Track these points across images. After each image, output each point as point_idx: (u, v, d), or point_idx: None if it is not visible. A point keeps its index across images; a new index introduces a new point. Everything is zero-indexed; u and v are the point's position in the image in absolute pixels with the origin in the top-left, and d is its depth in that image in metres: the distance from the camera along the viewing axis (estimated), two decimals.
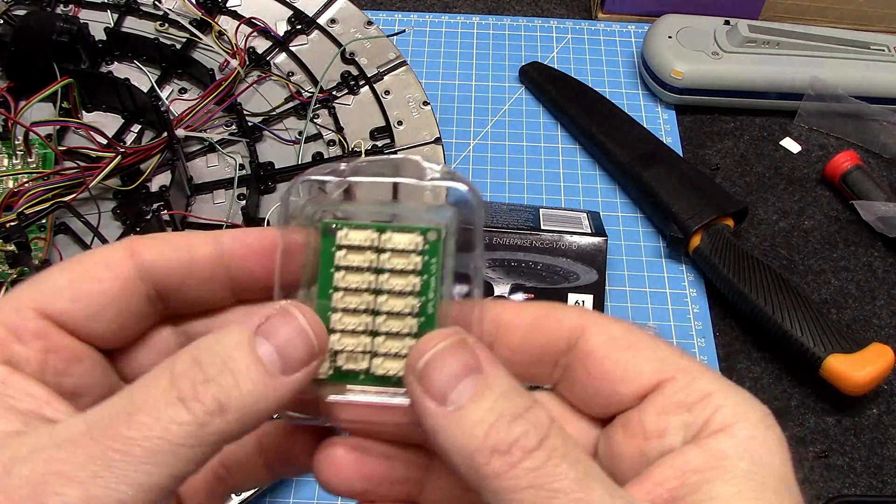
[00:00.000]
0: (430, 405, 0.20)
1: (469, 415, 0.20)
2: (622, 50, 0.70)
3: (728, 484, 0.20)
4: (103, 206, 0.53)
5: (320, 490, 0.46)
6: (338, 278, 0.22)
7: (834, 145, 0.64)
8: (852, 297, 0.56)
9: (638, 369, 0.22)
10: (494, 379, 0.20)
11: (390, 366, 0.22)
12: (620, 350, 0.22)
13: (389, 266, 0.22)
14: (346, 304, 0.22)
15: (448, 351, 0.21)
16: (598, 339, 0.23)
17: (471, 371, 0.20)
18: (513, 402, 0.20)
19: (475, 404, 0.20)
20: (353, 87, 0.60)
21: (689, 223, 0.55)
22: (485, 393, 0.20)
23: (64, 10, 0.62)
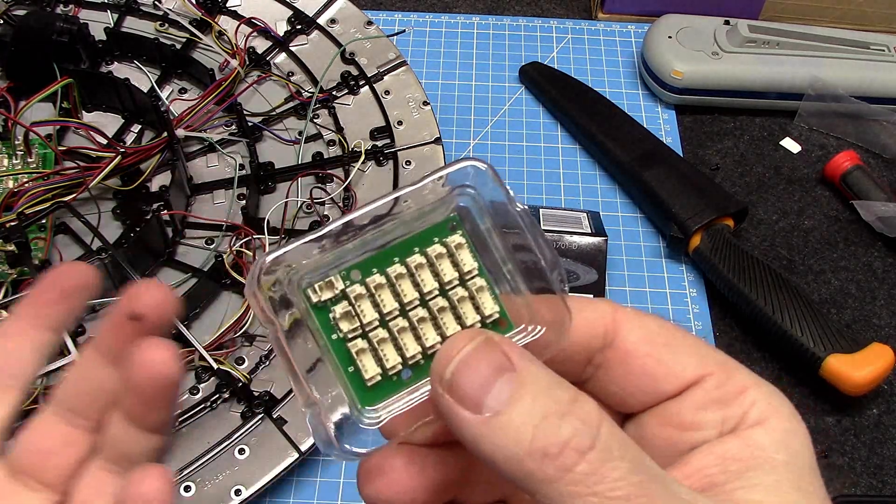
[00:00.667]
0: (464, 415, 0.19)
1: (511, 419, 0.18)
2: (622, 50, 0.70)
3: (769, 473, 0.20)
4: (103, 206, 0.53)
5: (320, 490, 0.47)
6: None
7: (834, 145, 0.64)
8: (852, 297, 0.56)
9: (679, 366, 0.22)
10: (530, 375, 0.19)
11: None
12: (660, 346, 0.22)
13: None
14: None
15: (475, 353, 0.19)
16: (635, 335, 0.22)
17: (503, 371, 0.19)
18: (556, 397, 0.19)
19: (515, 406, 0.18)
20: (353, 87, 0.60)
21: (689, 223, 0.55)
22: (523, 392, 0.19)
23: (64, 10, 0.62)
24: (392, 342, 0.21)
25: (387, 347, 0.21)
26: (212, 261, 0.51)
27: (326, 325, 0.21)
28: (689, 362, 0.22)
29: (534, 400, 0.19)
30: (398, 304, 0.21)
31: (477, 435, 0.19)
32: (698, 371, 0.22)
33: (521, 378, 0.19)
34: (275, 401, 0.46)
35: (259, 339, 0.49)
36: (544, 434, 0.18)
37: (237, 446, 0.44)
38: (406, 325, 0.21)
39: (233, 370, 0.46)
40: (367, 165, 0.56)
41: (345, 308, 0.21)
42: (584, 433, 0.18)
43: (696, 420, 0.21)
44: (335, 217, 0.22)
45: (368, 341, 0.21)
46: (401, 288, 0.21)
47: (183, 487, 0.43)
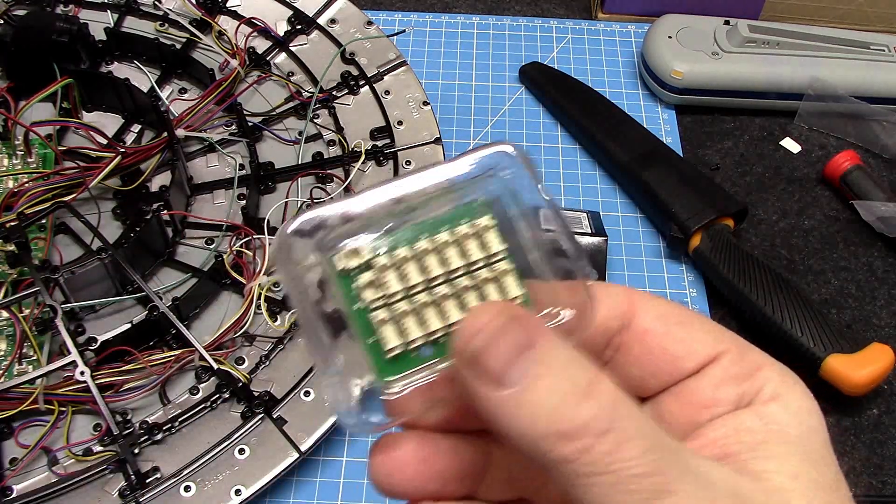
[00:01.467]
0: (486, 391, 0.19)
1: (530, 397, 0.18)
2: (622, 50, 0.70)
3: (782, 445, 0.20)
4: (103, 206, 0.53)
5: (320, 490, 0.47)
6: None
7: (834, 145, 0.64)
8: (852, 297, 0.56)
9: (696, 344, 0.22)
10: (552, 354, 0.19)
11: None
12: (677, 326, 0.22)
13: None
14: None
15: (500, 328, 0.19)
16: (651, 316, 0.23)
17: (526, 347, 0.19)
18: (575, 377, 0.19)
19: (535, 384, 0.18)
20: (353, 87, 0.60)
21: (689, 223, 0.55)
22: (544, 370, 0.18)
23: (64, 10, 0.62)
24: (414, 316, 0.21)
25: (409, 321, 0.21)
26: (212, 261, 0.51)
27: (349, 294, 0.21)
28: (706, 340, 0.22)
29: (554, 379, 0.18)
30: (423, 279, 0.21)
31: (496, 411, 0.19)
32: (716, 348, 0.22)
33: (543, 356, 0.19)
34: (275, 401, 0.46)
35: (259, 339, 0.49)
36: (562, 415, 0.18)
37: (237, 446, 0.44)
38: (429, 300, 0.21)
39: (233, 370, 0.46)
40: (367, 165, 0.56)
41: (369, 278, 0.20)
42: (602, 415, 0.18)
43: (715, 396, 0.22)
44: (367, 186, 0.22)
45: (391, 313, 0.21)
46: (426, 263, 0.21)
47: (183, 487, 0.43)
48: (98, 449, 0.44)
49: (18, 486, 0.43)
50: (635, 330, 0.23)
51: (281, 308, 0.50)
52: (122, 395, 0.46)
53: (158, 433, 0.45)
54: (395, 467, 0.21)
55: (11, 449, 0.45)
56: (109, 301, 0.49)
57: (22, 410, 0.44)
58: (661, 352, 0.22)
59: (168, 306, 0.47)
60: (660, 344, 0.22)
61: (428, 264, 0.21)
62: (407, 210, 0.21)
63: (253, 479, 0.43)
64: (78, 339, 0.47)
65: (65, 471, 0.44)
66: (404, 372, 0.21)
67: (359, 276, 0.20)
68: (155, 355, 0.46)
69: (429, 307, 0.21)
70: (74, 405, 0.46)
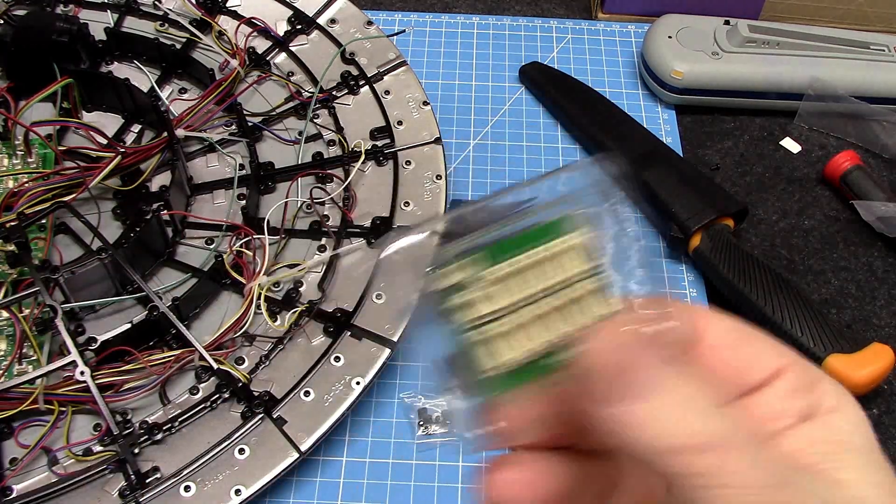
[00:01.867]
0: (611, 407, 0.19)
1: (654, 411, 0.19)
2: (622, 50, 0.70)
3: (855, 455, 0.21)
4: (103, 206, 0.53)
5: (320, 490, 0.47)
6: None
7: (834, 145, 0.64)
8: (852, 297, 0.56)
9: (763, 358, 0.23)
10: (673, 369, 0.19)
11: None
12: (744, 342, 0.23)
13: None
14: None
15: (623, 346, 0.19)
16: (719, 331, 0.23)
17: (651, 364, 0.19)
18: (700, 391, 0.19)
19: (658, 399, 0.19)
20: (353, 87, 0.60)
21: (689, 223, 0.55)
22: (667, 386, 0.19)
23: (64, 10, 0.62)
24: (522, 331, 0.21)
25: (518, 336, 0.21)
26: (212, 261, 0.51)
27: (451, 312, 0.21)
28: (771, 355, 0.23)
29: (677, 394, 0.19)
30: (523, 296, 0.21)
31: (618, 425, 0.19)
32: (780, 363, 0.23)
33: (666, 371, 0.19)
34: (275, 401, 0.46)
35: (259, 340, 0.49)
36: (688, 429, 0.18)
37: (237, 446, 0.44)
38: (530, 316, 0.21)
39: (233, 370, 0.46)
40: (367, 165, 0.56)
41: (463, 298, 0.20)
42: (725, 427, 0.19)
43: (781, 409, 0.22)
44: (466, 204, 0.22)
45: (499, 327, 0.21)
46: (528, 278, 0.21)
47: (183, 487, 0.43)
48: (98, 449, 0.44)
49: (18, 486, 0.43)
50: (707, 344, 0.23)
51: (281, 308, 0.50)
52: (122, 395, 0.46)
53: (158, 433, 0.45)
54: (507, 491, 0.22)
55: (11, 449, 0.45)
56: (109, 301, 0.49)
57: (22, 410, 0.44)
58: (729, 366, 0.23)
59: (168, 306, 0.47)
60: (727, 358, 0.23)
61: (529, 279, 0.21)
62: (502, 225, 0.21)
63: (253, 479, 0.43)
64: (78, 339, 0.47)
65: (65, 471, 0.44)
66: (514, 387, 0.21)
67: (459, 294, 0.21)
68: (155, 355, 0.46)
69: (530, 324, 0.21)
70: (74, 405, 0.46)
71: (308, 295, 0.50)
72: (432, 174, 0.55)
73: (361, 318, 0.49)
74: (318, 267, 0.51)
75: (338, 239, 0.52)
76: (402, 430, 0.49)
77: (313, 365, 0.47)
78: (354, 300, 0.50)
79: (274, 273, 0.50)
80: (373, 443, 0.49)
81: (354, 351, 0.48)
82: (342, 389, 0.46)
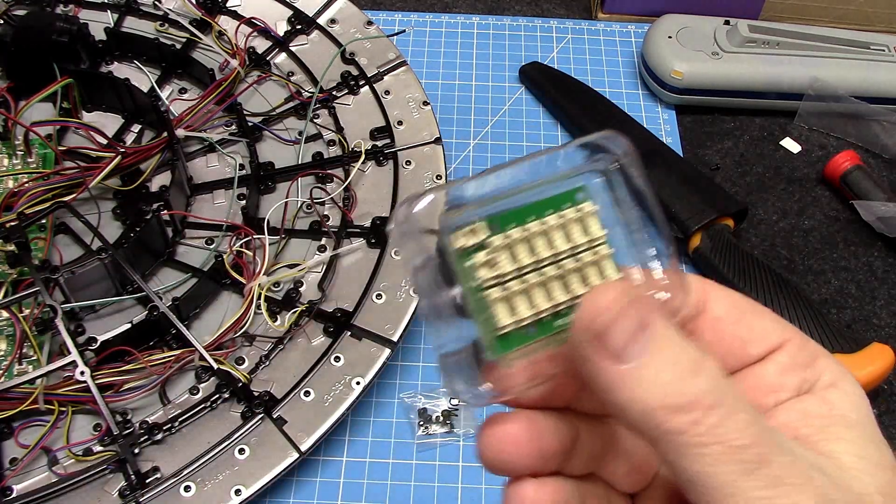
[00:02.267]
0: (605, 365, 0.20)
1: (647, 372, 0.20)
2: (622, 50, 0.70)
3: (847, 428, 0.22)
4: (103, 206, 0.53)
5: (320, 490, 0.47)
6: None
7: (834, 145, 0.64)
8: (852, 297, 0.56)
9: (763, 332, 0.24)
10: (666, 332, 0.20)
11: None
12: (746, 315, 0.24)
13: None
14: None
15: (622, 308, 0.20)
16: (722, 304, 0.24)
17: (644, 327, 0.20)
18: (688, 355, 0.20)
19: (652, 361, 0.20)
20: (353, 87, 0.60)
21: (689, 223, 0.55)
22: (661, 349, 0.20)
23: (64, 10, 0.62)
24: (525, 295, 0.22)
25: (519, 300, 0.22)
26: (212, 261, 0.51)
27: (466, 272, 0.21)
28: (773, 328, 0.24)
29: (669, 356, 0.20)
30: (533, 260, 0.22)
31: (615, 384, 0.20)
32: (781, 337, 0.24)
33: (660, 335, 0.20)
34: (275, 401, 0.46)
35: (259, 339, 0.49)
36: (676, 389, 0.20)
37: (237, 446, 0.44)
38: (538, 280, 0.22)
39: (233, 370, 0.46)
40: (367, 165, 0.56)
41: (484, 257, 0.21)
42: (711, 390, 0.20)
43: (780, 381, 0.23)
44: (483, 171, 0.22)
45: (503, 291, 0.22)
46: (536, 245, 0.22)
47: (183, 487, 0.43)
48: (98, 449, 0.44)
49: (18, 486, 0.43)
50: (708, 317, 0.24)
51: (281, 308, 0.50)
52: (122, 395, 0.46)
53: (158, 433, 0.45)
54: (504, 447, 0.22)
55: (11, 449, 0.45)
56: (109, 301, 0.49)
57: (22, 410, 0.44)
58: (732, 338, 0.24)
59: (168, 306, 0.47)
60: (731, 330, 0.24)
61: (536, 246, 0.22)
62: (519, 193, 0.22)
63: (253, 479, 0.43)
64: (78, 339, 0.47)
65: (65, 471, 0.44)
66: (515, 348, 0.22)
67: (474, 254, 0.21)
68: (155, 355, 0.46)
69: (538, 287, 0.22)
70: (74, 405, 0.46)
71: (308, 295, 0.50)
72: (432, 174, 0.55)
73: (361, 318, 0.49)
74: (318, 267, 0.51)
75: (338, 239, 0.52)
76: (402, 430, 0.49)
77: (313, 365, 0.47)
78: (354, 300, 0.50)
79: (274, 273, 0.50)
80: (373, 443, 0.49)
81: (354, 351, 0.48)
82: (342, 389, 0.46)
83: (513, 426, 0.22)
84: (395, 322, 0.49)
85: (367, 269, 0.51)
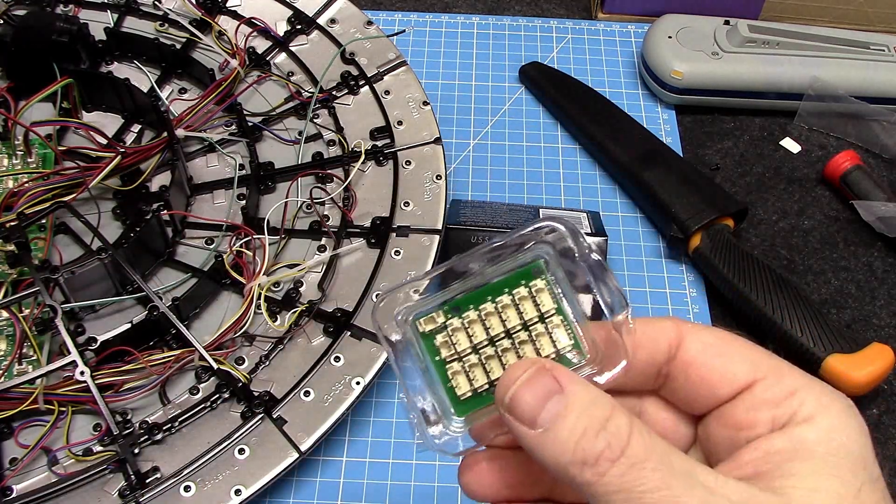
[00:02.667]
0: (521, 429, 0.23)
1: (557, 435, 0.22)
2: (622, 50, 0.70)
3: (806, 463, 0.23)
4: (103, 206, 0.53)
5: (320, 490, 0.47)
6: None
7: (834, 145, 0.64)
8: (852, 297, 0.56)
9: (732, 373, 0.25)
10: (575, 396, 0.23)
11: None
12: (715, 357, 0.25)
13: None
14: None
15: (530, 380, 0.23)
16: (694, 347, 0.26)
17: (552, 393, 0.23)
18: (594, 415, 0.22)
19: (561, 424, 0.23)
20: (353, 87, 0.60)
21: (689, 223, 0.55)
22: (568, 412, 0.23)
23: (64, 10, 0.62)
24: (481, 366, 0.26)
25: (476, 370, 0.26)
26: (212, 261, 0.51)
27: (430, 350, 0.26)
28: (741, 369, 0.25)
29: (576, 418, 0.22)
30: (487, 337, 0.26)
31: (533, 445, 0.23)
32: (749, 377, 0.25)
33: (567, 399, 0.23)
34: (275, 401, 0.46)
35: (259, 340, 0.49)
36: (583, 447, 0.22)
37: (237, 446, 0.44)
38: (493, 353, 0.26)
39: (233, 370, 0.46)
40: (367, 165, 0.56)
41: (444, 338, 0.26)
42: (615, 444, 0.22)
43: (749, 420, 0.24)
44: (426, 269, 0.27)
45: (462, 364, 0.26)
46: (490, 323, 0.26)
47: (183, 487, 0.43)
48: (98, 449, 0.44)
49: (18, 486, 0.43)
50: (680, 360, 0.26)
51: (281, 308, 0.50)
52: (122, 395, 0.46)
53: (158, 433, 0.45)
54: (478, 479, 0.26)
55: (11, 449, 0.45)
56: (109, 301, 0.49)
57: (22, 410, 0.44)
58: (700, 381, 0.26)
59: (168, 306, 0.47)
60: (699, 374, 0.26)
61: (491, 323, 0.26)
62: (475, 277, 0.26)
63: (253, 479, 0.43)
64: (78, 339, 0.47)
65: (65, 471, 0.44)
66: (473, 410, 0.26)
67: (436, 336, 0.26)
68: (155, 355, 0.46)
69: (492, 359, 0.26)
70: (74, 405, 0.46)
71: (308, 295, 0.50)
72: (432, 174, 0.55)
73: (361, 318, 0.49)
74: (318, 267, 0.51)
75: (338, 239, 0.52)
76: (402, 430, 0.49)
77: (313, 365, 0.47)
78: (354, 300, 0.50)
79: (274, 273, 0.50)
80: (373, 443, 0.49)
81: (354, 351, 0.48)
82: (342, 389, 0.46)
83: (480, 463, 0.26)
84: None
85: (367, 269, 0.51)
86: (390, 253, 0.52)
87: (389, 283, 0.26)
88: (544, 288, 0.26)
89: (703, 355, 0.26)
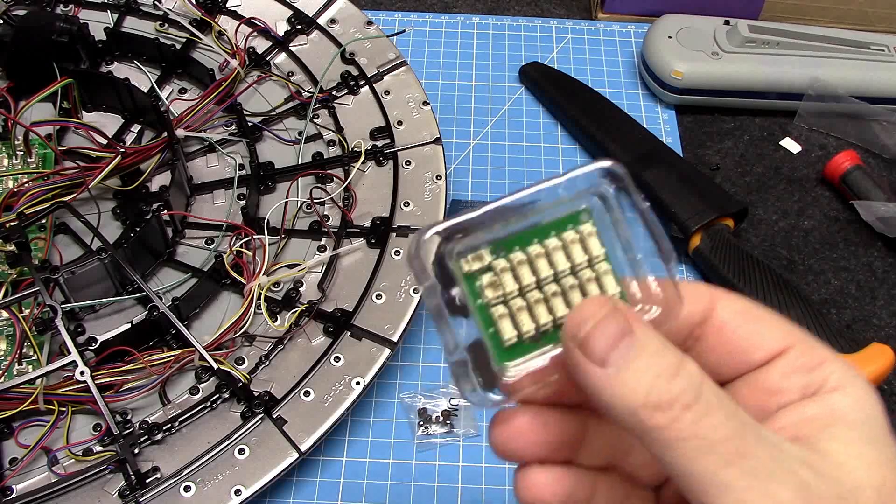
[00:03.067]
0: (592, 369, 0.22)
1: (630, 376, 0.22)
2: (622, 50, 0.70)
3: (845, 429, 0.23)
4: (103, 206, 0.53)
5: (320, 490, 0.47)
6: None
7: (834, 145, 0.64)
8: (852, 297, 0.56)
9: (766, 338, 0.25)
10: (647, 339, 0.22)
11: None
12: (750, 322, 0.25)
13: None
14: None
15: (604, 318, 0.22)
16: (727, 313, 0.25)
17: (625, 334, 0.22)
18: (667, 359, 0.22)
19: (634, 365, 0.22)
20: (353, 87, 0.60)
21: (689, 223, 0.55)
22: (641, 354, 0.22)
23: (64, 10, 0.63)
24: (527, 310, 0.24)
25: (522, 315, 0.24)
26: (212, 261, 0.51)
27: (474, 292, 0.24)
28: (776, 335, 0.25)
29: (649, 360, 0.22)
30: (534, 279, 0.24)
31: (601, 386, 0.22)
32: (784, 343, 0.25)
33: (640, 342, 0.22)
34: (275, 401, 0.46)
35: (259, 339, 0.49)
36: (657, 390, 0.21)
37: (237, 446, 0.44)
38: (540, 297, 0.24)
39: (233, 370, 0.46)
40: (367, 165, 0.56)
41: (490, 279, 0.24)
42: (689, 389, 0.21)
43: (782, 386, 0.24)
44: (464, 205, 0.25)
45: (508, 308, 0.24)
46: (538, 266, 0.24)
47: (183, 487, 0.43)
48: (98, 449, 0.44)
49: (18, 486, 0.43)
50: (714, 323, 0.25)
51: (281, 308, 0.50)
52: (122, 395, 0.46)
53: (158, 433, 0.45)
54: (510, 435, 0.25)
55: (11, 449, 0.45)
56: (109, 301, 0.49)
57: (22, 410, 0.44)
58: (735, 343, 0.25)
59: (168, 306, 0.47)
60: (734, 336, 0.25)
61: (539, 266, 0.24)
62: (522, 218, 0.24)
63: (253, 479, 0.43)
64: (78, 339, 0.47)
65: (65, 471, 0.44)
66: (519, 358, 0.24)
67: (481, 276, 0.24)
68: (155, 355, 0.46)
69: (539, 303, 0.24)
70: (74, 405, 0.46)
71: (308, 295, 0.50)
72: (432, 174, 0.55)
73: (361, 318, 0.49)
74: (318, 267, 0.51)
75: (338, 239, 0.52)
76: (402, 430, 0.49)
77: (313, 365, 0.47)
78: (354, 300, 0.50)
79: (274, 273, 0.50)
80: (373, 443, 0.49)
81: (354, 351, 0.48)
82: (342, 389, 0.46)
83: (520, 418, 0.25)
84: (395, 322, 0.49)
85: (366, 269, 0.51)
86: (390, 253, 0.52)
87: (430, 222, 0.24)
88: (594, 232, 0.24)
89: (737, 320, 0.25)
